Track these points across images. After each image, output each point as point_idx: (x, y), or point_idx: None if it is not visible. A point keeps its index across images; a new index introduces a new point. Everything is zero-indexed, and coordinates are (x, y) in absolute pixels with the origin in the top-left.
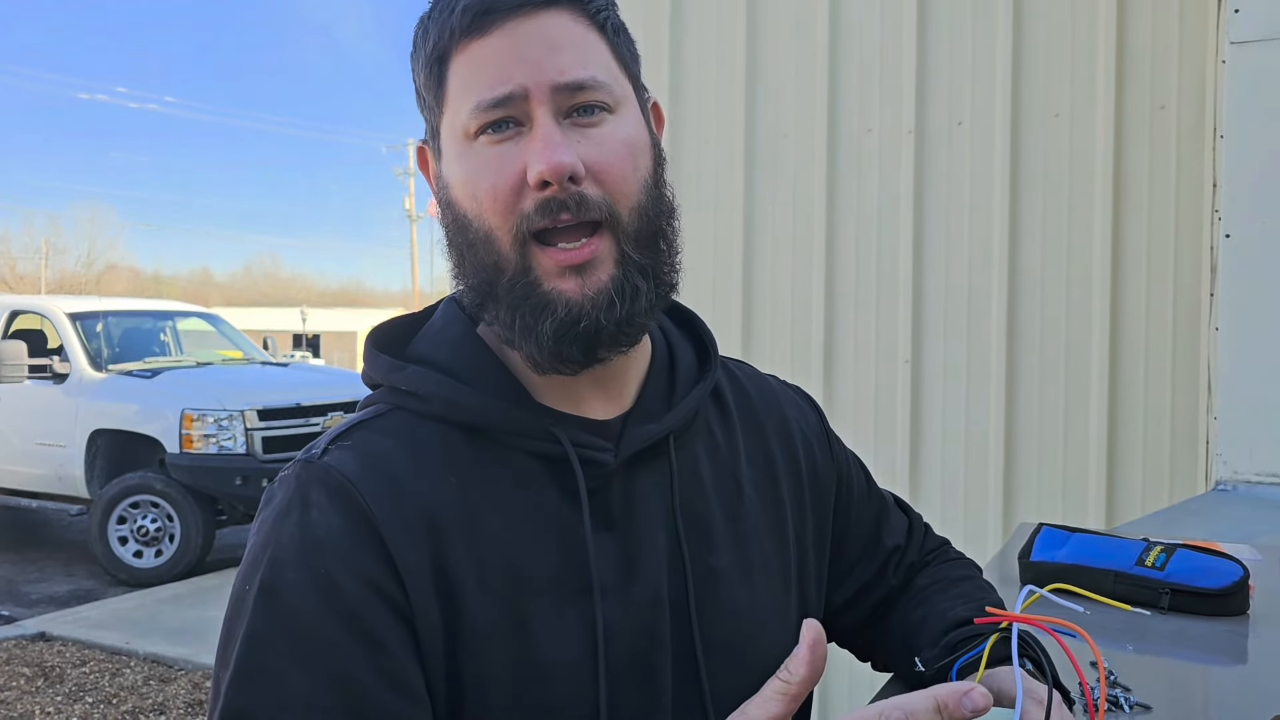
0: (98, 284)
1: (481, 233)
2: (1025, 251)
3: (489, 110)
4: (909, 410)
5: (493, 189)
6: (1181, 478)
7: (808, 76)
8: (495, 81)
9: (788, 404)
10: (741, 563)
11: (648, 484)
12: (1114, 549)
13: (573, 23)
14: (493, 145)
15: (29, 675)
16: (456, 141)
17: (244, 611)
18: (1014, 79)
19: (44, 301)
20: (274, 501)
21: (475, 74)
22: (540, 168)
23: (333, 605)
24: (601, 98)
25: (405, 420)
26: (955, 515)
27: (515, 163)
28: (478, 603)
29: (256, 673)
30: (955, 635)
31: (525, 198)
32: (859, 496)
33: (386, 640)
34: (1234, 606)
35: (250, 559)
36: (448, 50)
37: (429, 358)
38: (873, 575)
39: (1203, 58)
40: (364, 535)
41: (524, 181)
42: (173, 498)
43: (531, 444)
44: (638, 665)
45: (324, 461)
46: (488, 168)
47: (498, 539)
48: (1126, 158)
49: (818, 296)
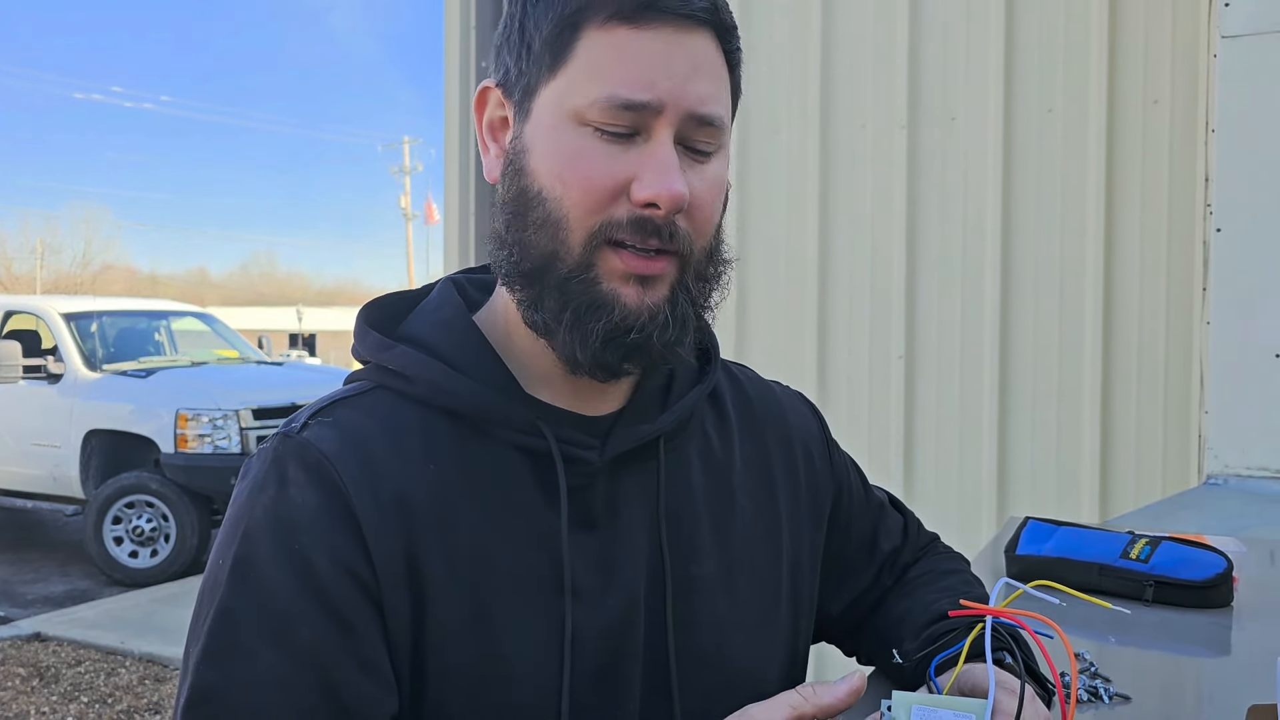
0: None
1: (554, 216)
2: (1018, 246)
3: (619, 111)
4: (903, 405)
5: (588, 182)
6: (1174, 471)
7: (801, 71)
8: (638, 84)
9: (790, 411)
10: (727, 571)
11: (633, 485)
12: (1099, 542)
13: (715, 52)
14: (602, 139)
15: (24, 675)
16: (560, 115)
17: (217, 586)
18: (1007, 74)
19: (38, 301)
20: (250, 474)
21: (616, 64)
22: (660, 192)
23: (306, 583)
24: (717, 136)
25: (389, 400)
26: (949, 510)
27: (621, 167)
28: (446, 595)
29: (228, 648)
30: (935, 629)
31: (619, 205)
32: (858, 504)
33: (357, 622)
34: (1218, 598)
35: (226, 533)
36: (588, 19)
37: (419, 338)
38: (870, 580)
39: (1195, 52)
40: (339, 515)
41: (623, 189)
42: (168, 497)
43: (515, 436)
44: (605, 672)
45: (303, 436)
46: (589, 159)
47: (472, 531)
48: (1119, 152)
49: (811, 291)
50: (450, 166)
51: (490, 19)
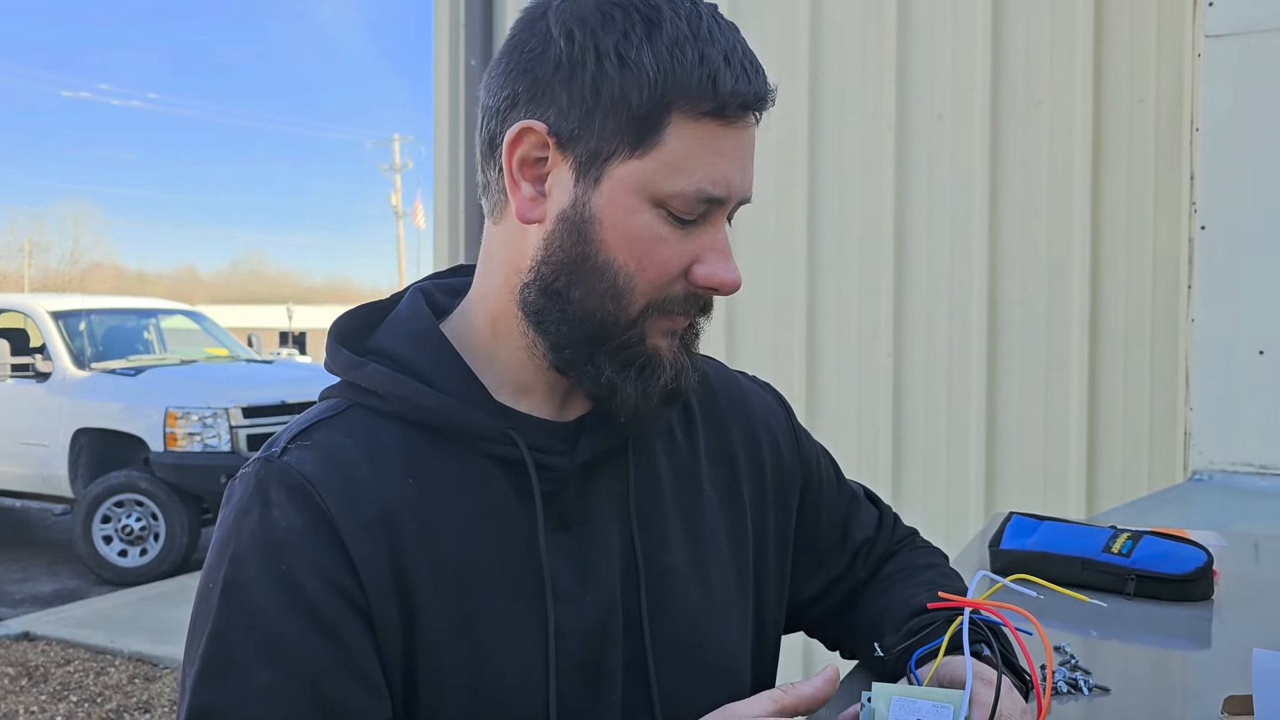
0: (82, 282)
1: (622, 289)
2: (1005, 244)
3: (699, 204)
4: (891, 403)
5: (664, 265)
6: (1160, 468)
7: (788, 71)
8: (720, 183)
9: (754, 401)
10: (697, 562)
11: (604, 486)
12: (1081, 536)
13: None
14: (670, 223)
15: (13, 675)
16: (640, 197)
17: (209, 609)
18: (994, 73)
19: (26, 300)
20: (234, 499)
21: (706, 159)
22: (725, 280)
23: (295, 602)
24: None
25: (365, 418)
26: (937, 507)
27: (688, 250)
28: (433, 602)
29: (223, 668)
30: (915, 622)
31: (677, 283)
32: (828, 492)
33: (348, 636)
34: (1198, 592)
35: (214, 557)
36: (680, 103)
37: (390, 352)
38: (843, 569)
39: (1180, 51)
40: (324, 534)
41: (687, 269)
42: (157, 496)
43: (489, 446)
44: (589, 665)
45: (284, 461)
46: (665, 243)
47: (454, 540)
48: (1105, 151)
49: (800, 290)
50: (440, 165)
51: (479, 17)
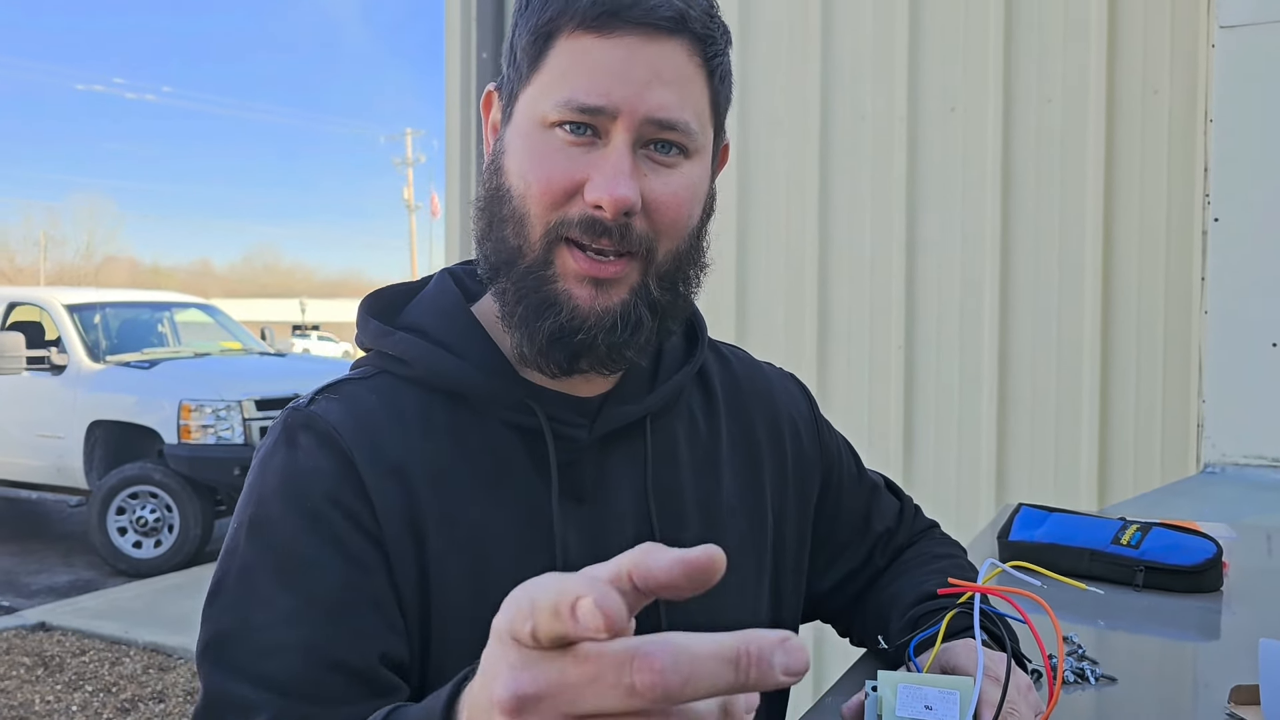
0: (96, 275)
1: (517, 214)
2: (1018, 236)
3: (574, 113)
4: (902, 395)
5: (546, 182)
6: (1173, 460)
7: (800, 63)
8: (593, 90)
9: (778, 391)
10: (713, 543)
11: (621, 462)
12: (1090, 528)
13: (687, 59)
14: (564, 142)
15: (29, 665)
16: (530, 119)
17: (235, 546)
18: (1006, 64)
19: (41, 293)
20: (263, 447)
21: (577, 70)
22: (603, 195)
23: (318, 531)
24: (683, 141)
25: (390, 383)
26: (948, 498)
27: (578, 168)
28: (445, 560)
29: (246, 597)
30: (919, 609)
31: (573, 204)
32: (849, 482)
33: (370, 566)
34: (1207, 583)
35: (241, 500)
36: (558, 29)
37: (418, 325)
38: (862, 560)
39: (1194, 42)
40: (347, 476)
41: (578, 189)
42: (171, 488)
43: (508, 414)
44: None
45: (310, 409)
46: (550, 160)
47: (469, 502)
48: (1118, 142)
49: (811, 282)
50: (451, 158)
51: (491, 10)
